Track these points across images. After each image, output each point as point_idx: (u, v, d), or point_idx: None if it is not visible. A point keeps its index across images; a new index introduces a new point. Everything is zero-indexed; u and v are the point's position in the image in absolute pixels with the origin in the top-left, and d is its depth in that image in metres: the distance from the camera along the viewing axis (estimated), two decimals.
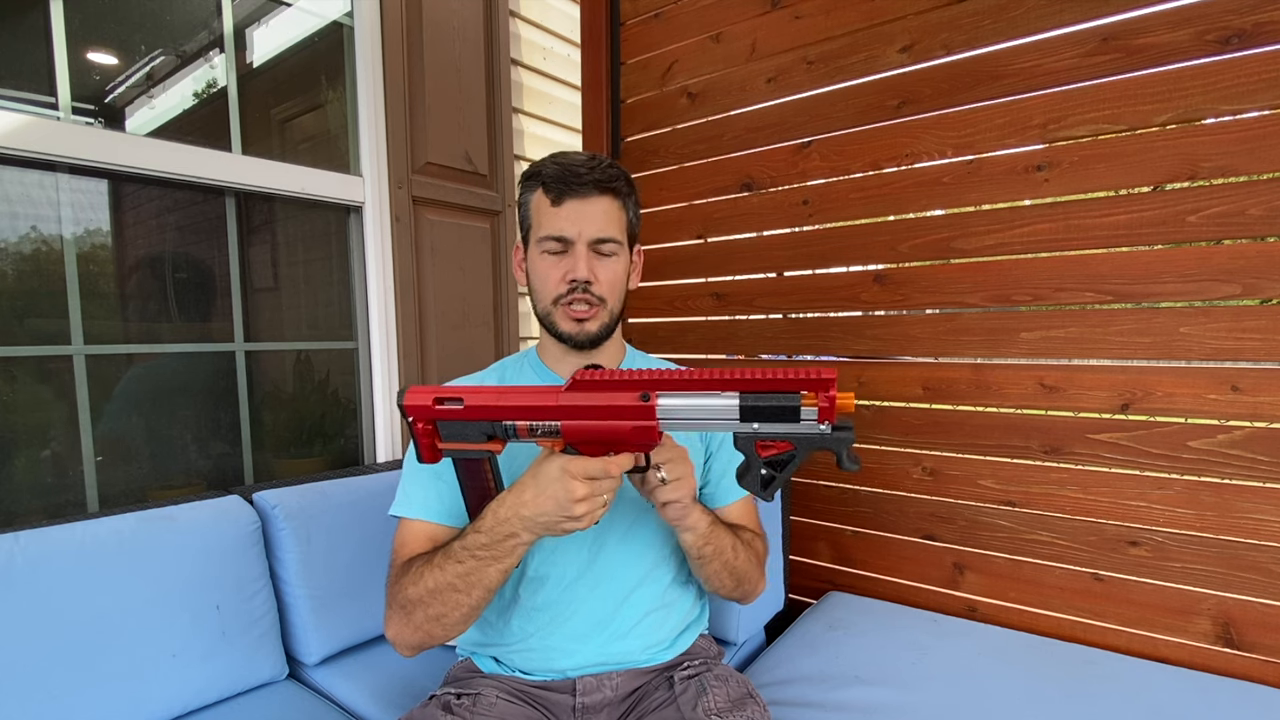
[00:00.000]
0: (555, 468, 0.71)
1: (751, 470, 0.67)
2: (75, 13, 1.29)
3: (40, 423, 1.28)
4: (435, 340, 1.86)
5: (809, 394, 0.62)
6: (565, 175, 0.90)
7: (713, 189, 1.78)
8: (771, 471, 0.67)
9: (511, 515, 0.75)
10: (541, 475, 0.73)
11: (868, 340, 1.57)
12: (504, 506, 0.76)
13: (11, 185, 1.24)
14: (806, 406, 0.62)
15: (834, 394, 0.61)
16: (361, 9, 1.69)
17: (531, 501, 0.73)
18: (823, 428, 0.62)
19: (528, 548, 0.78)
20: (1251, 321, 1.17)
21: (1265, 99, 1.13)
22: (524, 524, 0.75)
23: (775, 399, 0.63)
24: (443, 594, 0.80)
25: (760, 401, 0.63)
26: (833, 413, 0.61)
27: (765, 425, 0.64)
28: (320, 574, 1.26)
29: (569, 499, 0.70)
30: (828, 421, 0.62)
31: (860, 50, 1.52)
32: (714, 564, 0.92)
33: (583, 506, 0.71)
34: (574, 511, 0.71)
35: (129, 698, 1.03)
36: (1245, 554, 1.20)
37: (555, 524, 0.73)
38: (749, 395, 0.63)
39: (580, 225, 0.91)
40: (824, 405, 0.61)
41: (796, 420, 0.63)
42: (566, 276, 0.91)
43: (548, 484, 0.72)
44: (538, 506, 0.73)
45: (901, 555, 1.56)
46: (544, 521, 0.73)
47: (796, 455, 0.65)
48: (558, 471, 0.71)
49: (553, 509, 0.72)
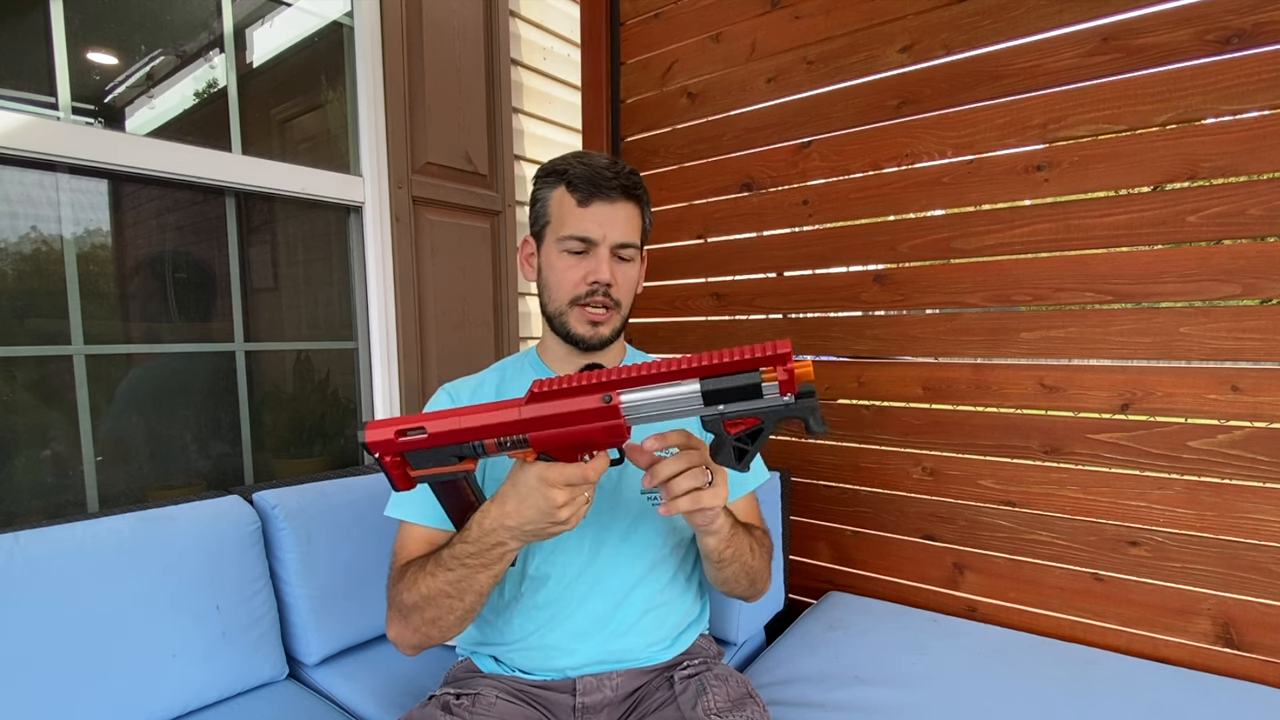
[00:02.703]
0: (533, 477, 0.71)
1: (724, 448, 0.68)
2: (75, 13, 1.29)
3: (40, 423, 1.28)
4: (435, 340, 1.86)
5: (768, 369, 0.63)
6: (594, 177, 0.90)
7: (713, 189, 1.78)
8: (742, 446, 0.68)
9: (497, 525, 0.75)
10: (521, 485, 0.73)
11: (868, 340, 1.57)
12: (488, 517, 0.76)
13: (11, 185, 1.24)
14: (767, 382, 0.63)
15: (792, 366, 0.62)
16: (361, 9, 1.69)
17: (515, 512, 0.74)
18: (786, 399, 0.63)
19: (516, 553, 0.79)
20: (1251, 321, 1.17)
21: (1265, 99, 1.13)
22: (510, 533, 0.75)
23: (735, 379, 0.63)
24: (436, 600, 0.81)
25: (721, 384, 0.64)
26: (793, 384, 0.62)
27: (730, 405, 0.65)
28: (320, 574, 1.26)
29: (551, 506, 0.71)
30: (790, 393, 0.63)
31: (860, 50, 1.52)
32: (734, 566, 0.92)
33: (565, 511, 0.71)
34: (558, 517, 0.72)
35: (129, 698, 1.03)
36: (1245, 554, 1.20)
37: (541, 530, 0.74)
38: (709, 380, 0.64)
39: (605, 229, 0.91)
40: (783, 379, 0.62)
41: (760, 396, 0.64)
42: (588, 278, 0.92)
43: (528, 494, 0.72)
44: (522, 516, 0.73)
45: (901, 555, 1.56)
46: (530, 529, 0.74)
47: (764, 427, 0.66)
48: (536, 481, 0.71)
49: (536, 517, 0.72)
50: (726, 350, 0.64)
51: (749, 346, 0.63)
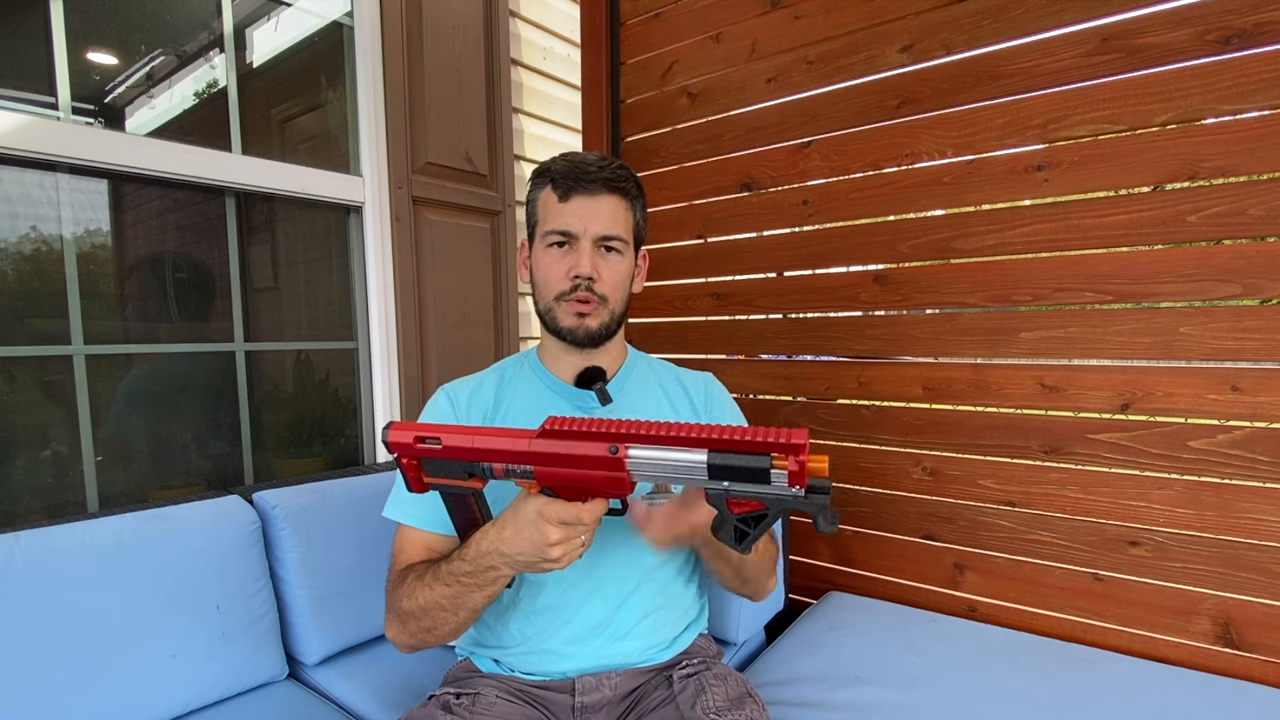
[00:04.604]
0: (532, 510, 0.72)
1: (725, 525, 0.65)
2: (75, 13, 1.29)
3: (40, 423, 1.28)
4: (435, 340, 1.86)
5: (780, 456, 0.59)
6: (574, 172, 0.91)
7: (713, 189, 1.78)
8: (744, 528, 0.65)
9: (492, 550, 0.76)
10: (520, 515, 0.73)
11: (868, 340, 1.57)
12: (486, 540, 0.77)
13: (11, 185, 1.24)
14: (777, 469, 0.59)
15: (804, 459, 0.58)
16: (361, 9, 1.69)
17: (510, 540, 0.74)
18: (795, 490, 0.60)
19: (508, 580, 0.80)
20: (1251, 321, 1.17)
21: (1265, 99, 1.13)
22: (503, 559, 0.76)
23: (744, 459, 0.60)
24: (432, 612, 0.83)
25: (729, 461, 0.61)
26: (803, 478, 0.59)
27: (735, 484, 0.61)
28: (320, 574, 1.26)
29: (544, 542, 0.71)
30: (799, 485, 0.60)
31: (860, 50, 1.52)
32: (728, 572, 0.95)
33: (558, 550, 0.72)
34: (550, 555, 0.72)
35: (129, 698, 1.03)
36: (1245, 554, 1.20)
37: (533, 564, 0.74)
38: (718, 454, 0.61)
39: (585, 221, 0.91)
40: (793, 469, 0.58)
41: (767, 482, 0.60)
42: (570, 273, 0.92)
43: (524, 525, 0.73)
44: (515, 546, 0.74)
45: (901, 555, 1.56)
46: (522, 560, 0.74)
47: (769, 514, 0.63)
48: (534, 514, 0.71)
49: (529, 550, 0.73)
50: (743, 428, 0.61)
51: (768, 429, 0.60)
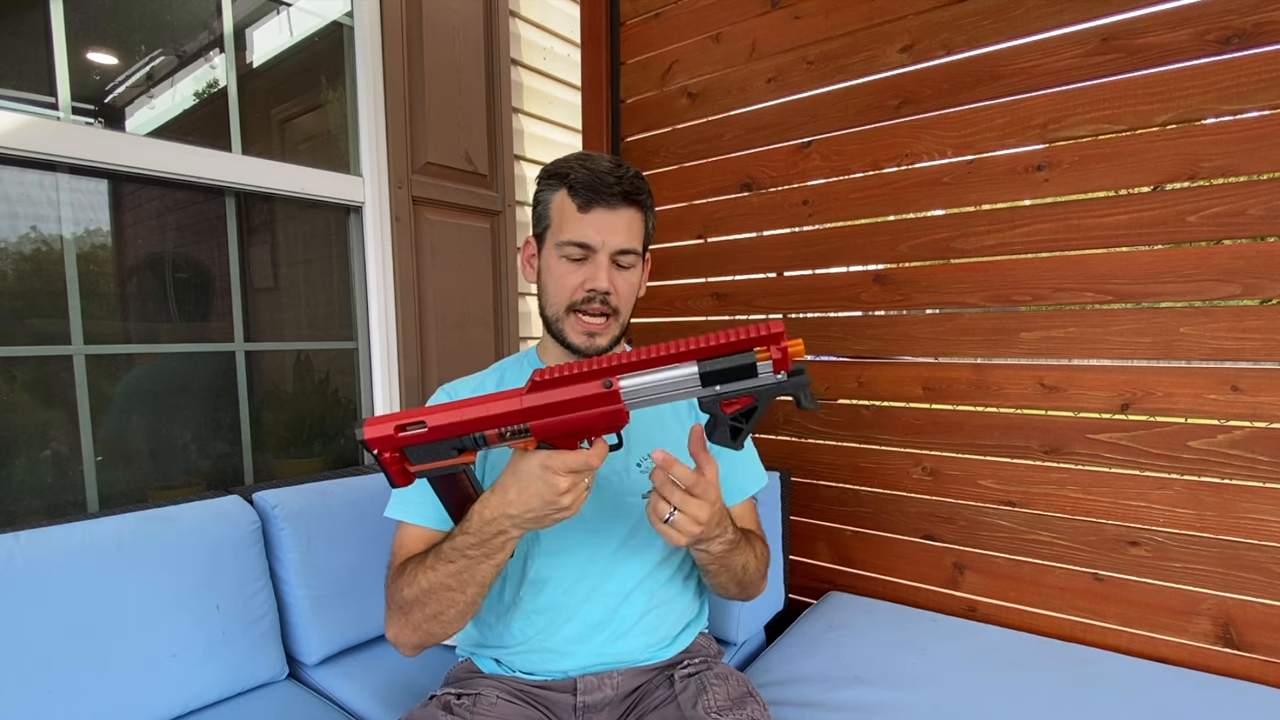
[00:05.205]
0: (535, 465, 0.72)
1: (719, 426, 0.70)
2: (75, 13, 1.29)
3: (40, 423, 1.28)
4: (435, 340, 1.86)
5: (762, 348, 0.66)
6: (595, 183, 0.89)
7: (713, 189, 1.78)
8: (738, 424, 0.70)
9: (498, 514, 0.76)
10: (523, 474, 0.73)
11: (868, 340, 1.57)
12: (488, 507, 0.76)
13: (11, 185, 1.24)
14: (761, 361, 0.66)
15: (785, 344, 0.65)
16: (361, 9, 1.68)
17: (517, 500, 0.74)
18: (779, 376, 0.66)
19: (517, 541, 0.80)
20: (1251, 321, 1.17)
21: (1265, 99, 1.13)
22: (512, 521, 0.75)
23: (732, 360, 0.66)
24: (437, 593, 0.81)
25: (719, 365, 0.66)
26: (786, 362, 0.65)
27: (727, 385, 0.67)
28: (320, 574, 1.26)
29: (554, 493, 0.72)
30: (783, 370, 0.66)
31: (860, 50, 1.52)
32: (720, 576, 0.94)
33: (568, 498, 0.73)
34: (561, 504, 0.73)
35: (129, 698, 1.03)
36: (1245, 554, 1.20)
37: (544, 517, 0.75)
38: (707, 361, 0.67)
39: (605, 235, 0.90)
40: (777, 357, 0.65)
41: (755, 375, 0.66)
42: (585, 285, 0.91)
43: (530, 481, 0.73)
44: (524, 504, 0.74)
45: (901, 555, 1.56)
46: (532, 517, 0.74)
47: (759, 406, 0.69)
48: (539, 469, 0.72)
49: (539, 504, 0.73)
50: (722, 332, 0.66)
51: (742, 328, 0.66)
